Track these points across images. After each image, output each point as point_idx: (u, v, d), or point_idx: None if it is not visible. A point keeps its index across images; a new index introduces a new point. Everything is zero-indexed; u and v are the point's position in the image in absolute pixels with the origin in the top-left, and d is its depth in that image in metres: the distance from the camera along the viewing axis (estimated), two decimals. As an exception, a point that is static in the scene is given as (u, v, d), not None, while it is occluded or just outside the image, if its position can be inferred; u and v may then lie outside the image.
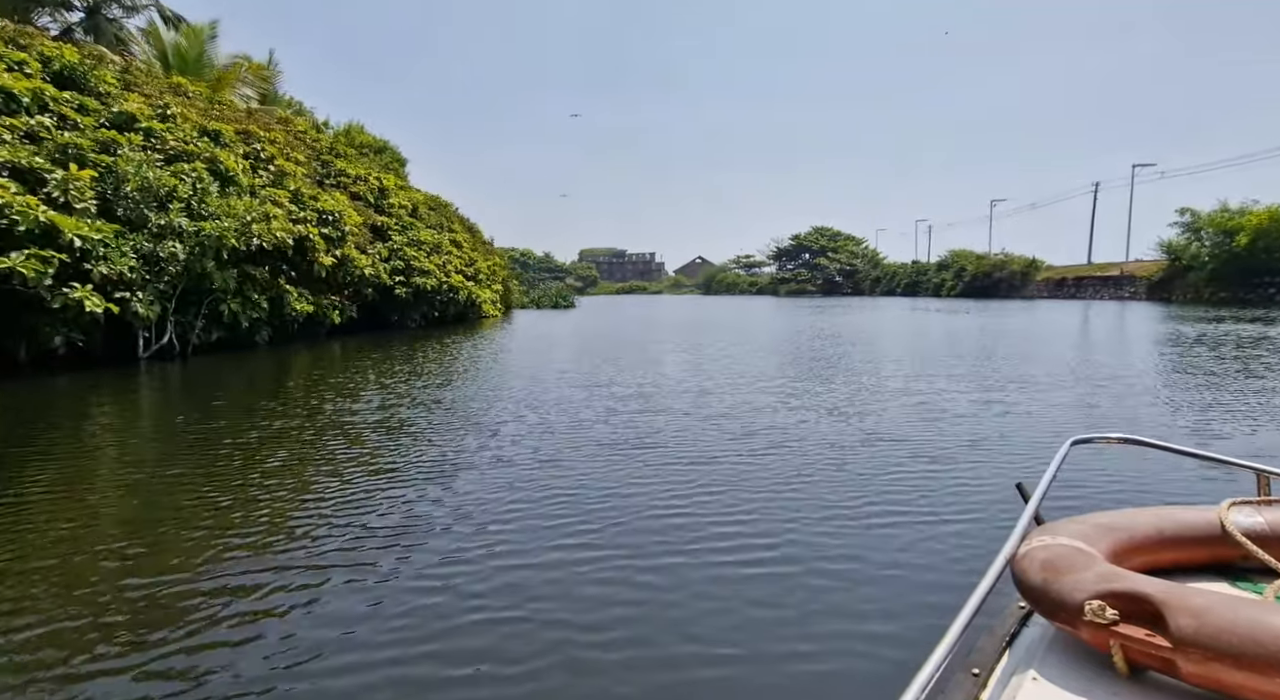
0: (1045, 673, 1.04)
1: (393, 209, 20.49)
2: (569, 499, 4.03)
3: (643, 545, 3.31)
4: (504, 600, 2.74)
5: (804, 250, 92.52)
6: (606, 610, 2.66)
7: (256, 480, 4.45)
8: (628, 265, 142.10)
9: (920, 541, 3.33)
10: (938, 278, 64.97)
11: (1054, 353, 12.32)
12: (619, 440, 5.55)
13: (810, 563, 3.07)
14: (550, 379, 9.24)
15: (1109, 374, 9.37)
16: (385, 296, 18.76)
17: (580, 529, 3.53)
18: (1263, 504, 1.37)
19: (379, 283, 17.96)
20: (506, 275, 35.56)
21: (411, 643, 2.43)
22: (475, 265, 24.97)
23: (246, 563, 3.12)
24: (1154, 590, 0.96)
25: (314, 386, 8.49)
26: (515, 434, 5.81)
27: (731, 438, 5.58)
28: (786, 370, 10.18)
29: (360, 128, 30.68)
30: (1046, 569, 1.11)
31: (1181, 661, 0.91)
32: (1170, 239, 36.99)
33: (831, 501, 3.96)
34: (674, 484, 4.32)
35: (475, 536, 3.44)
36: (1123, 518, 1.33)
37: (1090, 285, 45.16)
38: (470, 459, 5.02)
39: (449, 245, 22.96)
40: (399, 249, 19.25)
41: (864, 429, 5.91)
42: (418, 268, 19.35)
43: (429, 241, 20.99)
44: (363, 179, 19.83)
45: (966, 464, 4.75)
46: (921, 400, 7.31)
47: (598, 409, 6.92)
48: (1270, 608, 0.90)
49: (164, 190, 10.44)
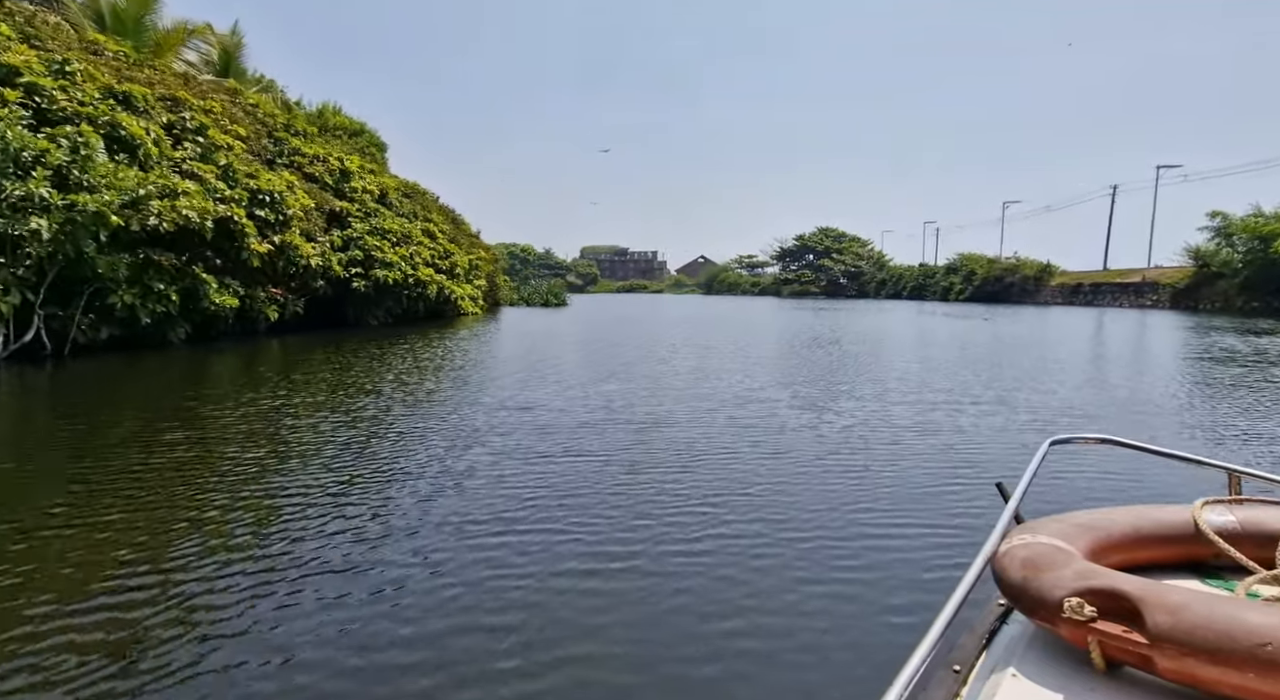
0: (1024, 669, 1.05)
1: (356, 194, 18.55)
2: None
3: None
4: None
5: (808, 251, 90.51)
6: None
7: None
8: (629, 263, 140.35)
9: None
10: (946, 281, 62.87)
11: (1130, 379, 10.35)
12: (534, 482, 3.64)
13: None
14: (479, 417, 7.31)
15: (1223, 421, 6.58)
16: (341, 290, 16.84)
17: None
18: (1234, 502, 1.41)
19: (332, 274, 16.03)
20: (493, 270, 33.63)
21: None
22: (451, 258, 23.01)
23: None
24: (1131, 588, 0.98)
25: (182, 408, 6.57)
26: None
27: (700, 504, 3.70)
28: (777, 395, 8.25)
29: (336, 109, 28.74)
30: (1026, 567, 1.12)
31: (1157, 657, 0.92)
32: (1199, 244, 34.96)
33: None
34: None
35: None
36: (1101, 517, 1.35)
37: (1108, 292, 43.06)
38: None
39: (420, 235, 21.02)
40: (359, 238, 17.32)
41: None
42: (380, 259, 17.40)
43: (396, 231, 19.04)
44: (321, 159, 17.90)
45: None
46: (949, 444, 5.41)
47: (522, 448, 5.00)
48: (1242, 604, 0.93)
49: (29, 155, 8.52)
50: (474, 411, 6.49)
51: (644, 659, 2.28)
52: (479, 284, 28.07)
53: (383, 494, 3.99)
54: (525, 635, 2.40)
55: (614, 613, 2.57)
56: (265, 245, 12.96)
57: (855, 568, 3.00)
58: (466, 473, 4.43)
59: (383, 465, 4.59)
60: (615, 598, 2.69)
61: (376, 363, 10.09)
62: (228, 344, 12.32)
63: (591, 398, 7.32)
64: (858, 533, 3.42)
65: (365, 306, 17.86)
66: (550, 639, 2.38)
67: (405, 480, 4.27)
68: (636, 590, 2.76)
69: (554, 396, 7.39)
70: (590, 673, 2.19)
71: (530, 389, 7.92)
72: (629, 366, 10.28)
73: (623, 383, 8.50)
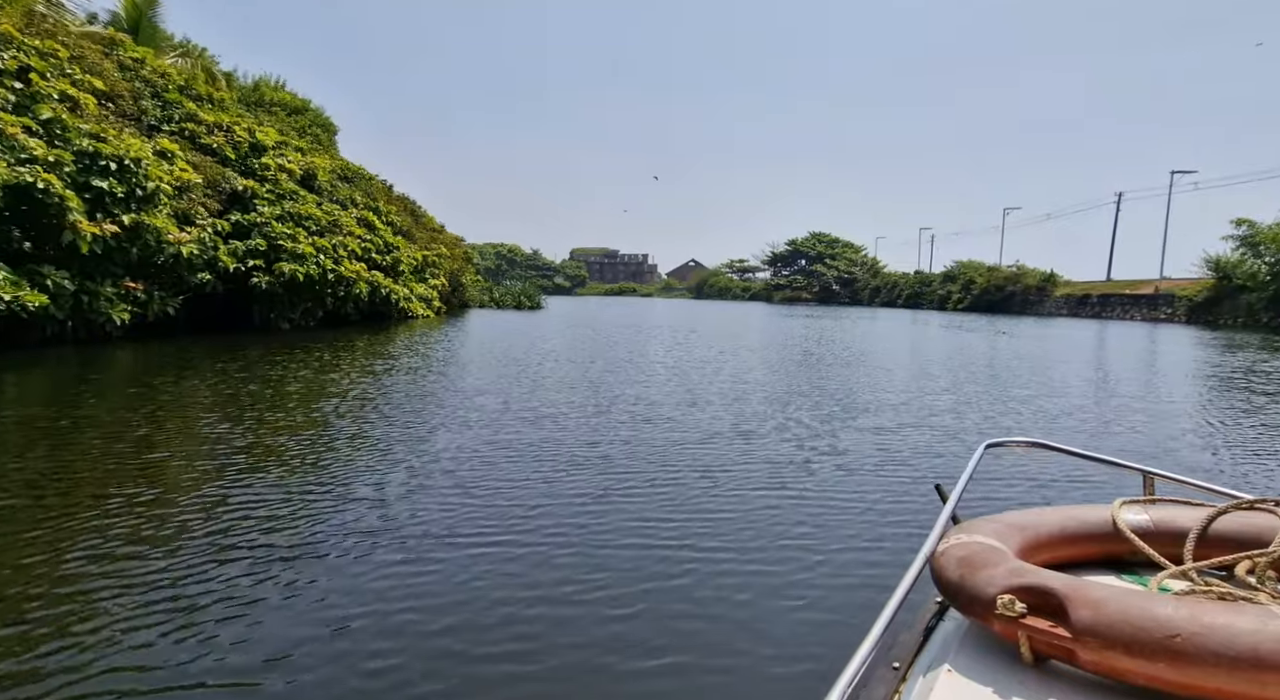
0: (959, 664, 1.09)
1: (269, 172, 15.58)
2: None
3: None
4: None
5: (800, 256, 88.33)
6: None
7: None
8: (619, 266, 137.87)
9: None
10: (943, 290, 60.48)
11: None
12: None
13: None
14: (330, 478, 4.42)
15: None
16: (239, 286, 13.86)
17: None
18: (1148, 502, 1.49)
19: (221, 267, 13.04)
20: (458, 268, 30.65)
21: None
22: (394, 253, 20.04)
23: None
24: (1057, 584, 1.01)
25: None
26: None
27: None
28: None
29: (278, 84, 25.74)
30: (962, 566, 1.15)
31: (1079, 650, 0.96)
32: (1219, 254, 32.50)
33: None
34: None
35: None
36: (1031, 517, 1.40)
37: (1117, 303, 40.61)
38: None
39: (353, 225, 18.03)
40: (263, 224, 14.33)
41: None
42: (290, 250, 14.42)
43: (319, 218, 16.07)
44: (224, 129, 14.92)
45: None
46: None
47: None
48: (1154, 598, 0.96)
49: None
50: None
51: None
52: (436, 283, 25.11)
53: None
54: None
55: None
56: (107, 226, 9.99)
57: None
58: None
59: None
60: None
61: (207, 393, 7.15)
62: (25, 354, 9.32)
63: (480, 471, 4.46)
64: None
65: (275, 307, 14.88)
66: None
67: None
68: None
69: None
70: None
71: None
72: (558, 418, 7.42)
73: (542, 432, 5.64)
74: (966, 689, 1.02)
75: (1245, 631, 0.86)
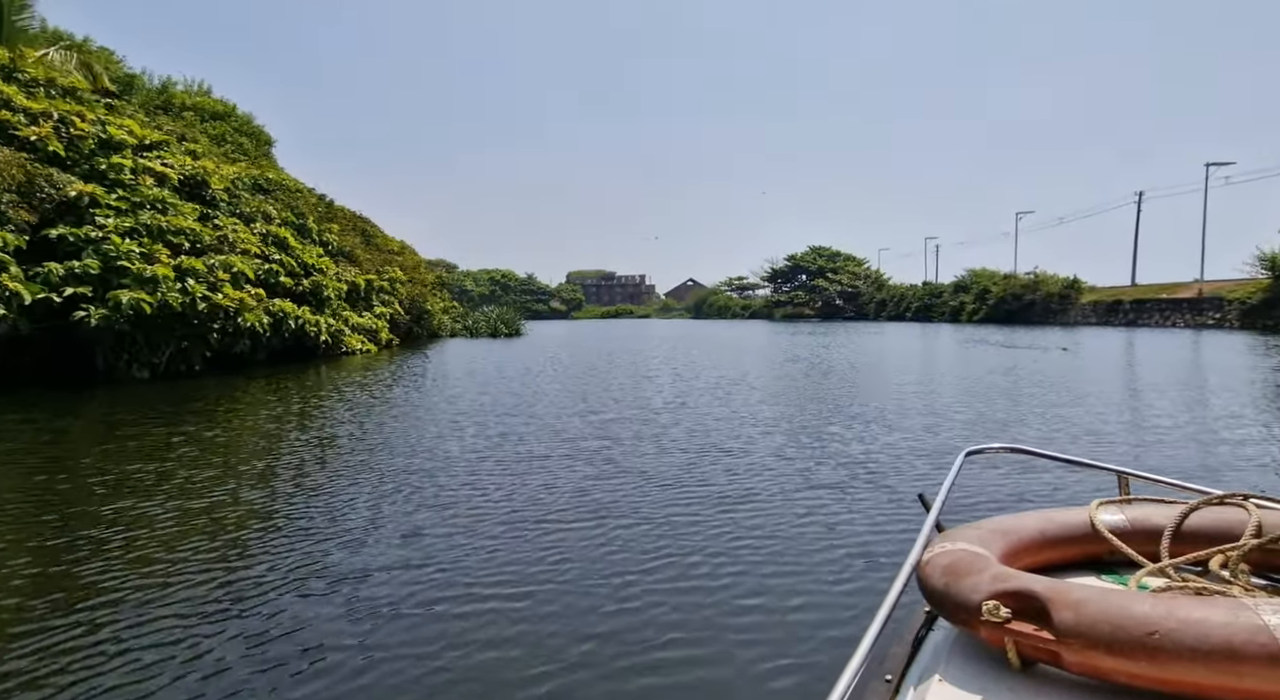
0: (949, 673, 1.08)
1: (120, 173, 12.08)
2: None
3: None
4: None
5: (800, 271, 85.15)
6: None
7: None
8: (616, 287, 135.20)
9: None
10: (955, 301, 56.90)
11: None
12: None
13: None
14: None
15: None
16: (60, 319, 10.30)
17: None
18: (1123, 502, 1.51)
19: (16, 297, 9.49)
20: (421, 293, 27.15)
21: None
22: (314, 277, 16.53)
23: None
24: (1039, 587, 1.01)
25: None
26: None
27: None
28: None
29: (201, 89, 22.45)
30: (947, 574, 1.14)
31: (1064, 652, 0.95)
32: (1277, 252, 28.87)
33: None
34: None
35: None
36: (1012, 521, 1.40)
37: (1155, 309, 36.86)
38: None
39: (253, 241, 14.52)
40: (98, 240, 10.80)
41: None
42: (136, 273, 10.87)
43: (192, 231, 12.55)
44: (54, 118, 11.50)
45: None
46: None
47: None
48: (1133, 597, 0.96)
49: None
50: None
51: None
52: (385, 311, 21.58)
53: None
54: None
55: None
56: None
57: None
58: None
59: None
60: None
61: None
62: None
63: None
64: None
65: (125, 350, 11.31)
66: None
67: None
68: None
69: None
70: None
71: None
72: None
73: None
74: (957, 698, 1.02)
75: (1219, 625, 0.87)
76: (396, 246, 28.77)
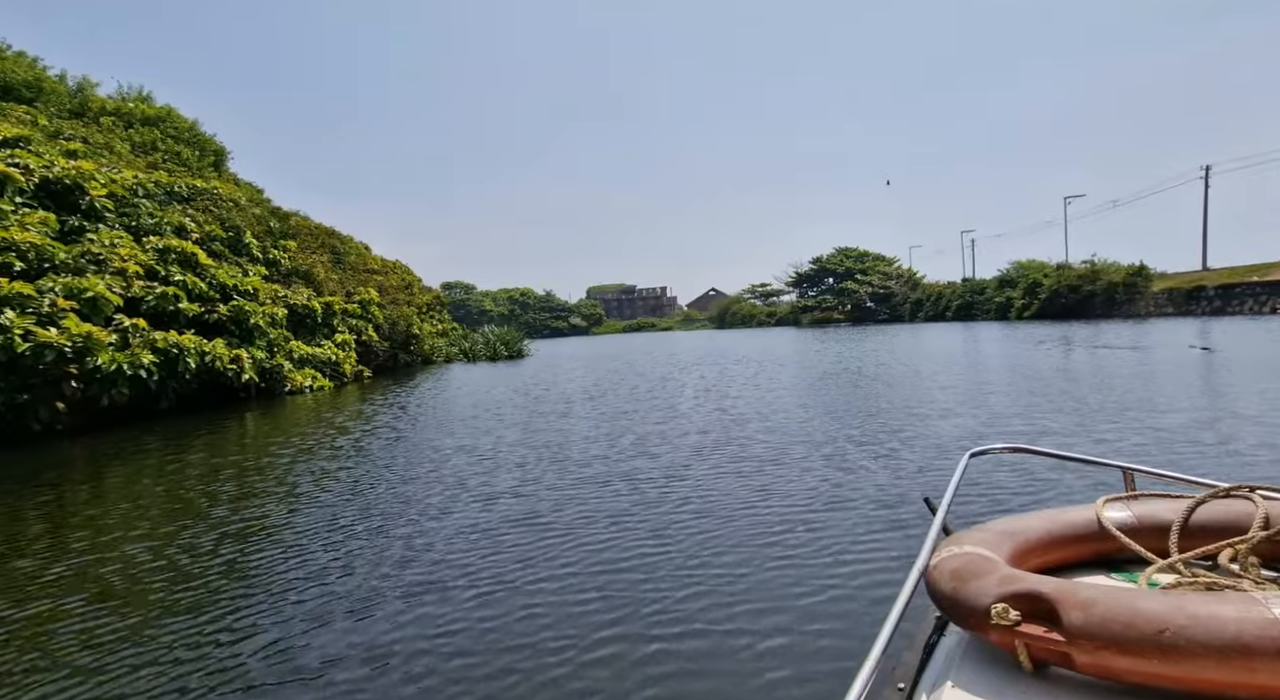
0: (960, 679, 1.06)
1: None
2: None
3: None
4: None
5: (827, 274, 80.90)
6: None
7: None
8: (638, 301, 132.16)
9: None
10: (1001, 297, 52.31)
11: None
12: None
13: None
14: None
15: None
16: None
17: None
18: (1130, 498, 1.46)
19: None
20: (404, 314, 23.97)
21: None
22: (235, 302, 13.30)
23: None
24: (1048, 588, 0.99)
25: None
26: None
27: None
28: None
29: (140, 96, 19.63)
30: (955, 578, 1.12)
31: (1075, 654, 0.93)
32: None
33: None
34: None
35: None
36: (1019, 522, 1.37)
37: (1248, 294, 32.03)
38: None
39: (137, 257, 11.31)
40: None
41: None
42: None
43: (34, 246, 9.37)
44: None
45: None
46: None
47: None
48: (1142, 594, 0.94)
49: None
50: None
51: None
52: (346, 340, 18.35)
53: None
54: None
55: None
56: None
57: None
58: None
59: None
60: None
61: None
62: None
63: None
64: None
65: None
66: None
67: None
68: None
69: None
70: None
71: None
72: None
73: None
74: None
75: (1230, 620, 0.85)
76: (377, 264, 25.72)
